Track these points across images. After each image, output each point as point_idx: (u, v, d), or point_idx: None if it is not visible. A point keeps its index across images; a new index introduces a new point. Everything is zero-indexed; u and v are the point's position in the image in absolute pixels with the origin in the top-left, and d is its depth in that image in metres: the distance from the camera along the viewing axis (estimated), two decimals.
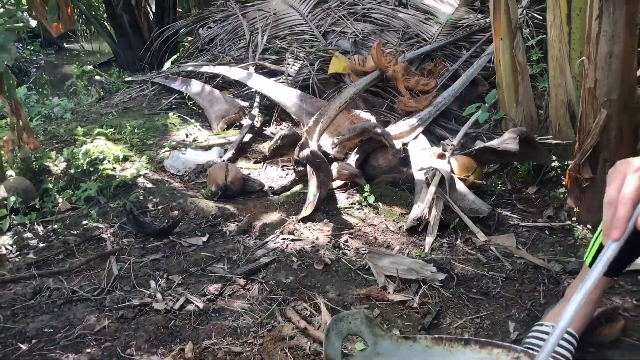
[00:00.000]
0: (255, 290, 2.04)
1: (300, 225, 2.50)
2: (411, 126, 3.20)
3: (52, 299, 2.05)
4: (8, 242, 2.55)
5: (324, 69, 3.95)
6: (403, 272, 2.09)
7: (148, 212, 2.71)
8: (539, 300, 2.04)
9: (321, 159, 2.58)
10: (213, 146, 3.49)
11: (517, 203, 2.76)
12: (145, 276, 2.17)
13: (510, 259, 2.29)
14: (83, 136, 3.45)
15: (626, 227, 0.91)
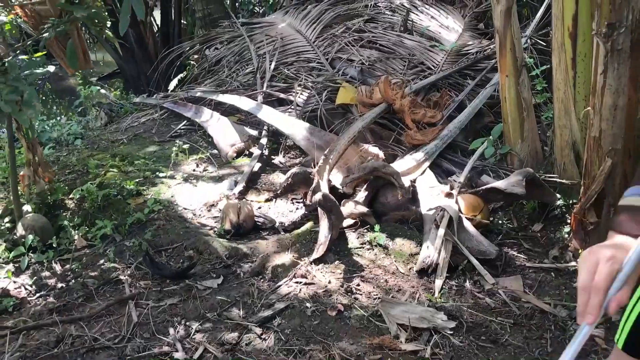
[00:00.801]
0: (271, 340, 2.11)
1: (312, 267, 2.57)
2: (418, 161, 3.27)
3: (75, 347, 2.12)
4: (27, 281, 2.62)
5: (332, 98, 4.02)
6: (415, 321, 2.16)
7: (163, 251, 2.78)
8: (546, 348, 2.11)
9: (332, 202, 2.65)
10: (224, 177, 3.56)
11: (524, 242, 2.83)
12: (163, 322, 2.24)
13: (518, 303, 2.36)
14: (96, 168, 3.52)
15: (599, 313, 1.00)
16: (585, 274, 1.03)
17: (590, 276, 1.02)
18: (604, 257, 1.03)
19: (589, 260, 1.04)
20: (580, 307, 1.02)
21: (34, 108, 2.26)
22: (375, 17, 5.19)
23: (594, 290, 1.00)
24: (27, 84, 2.20)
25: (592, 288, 1.01)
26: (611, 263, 1.02)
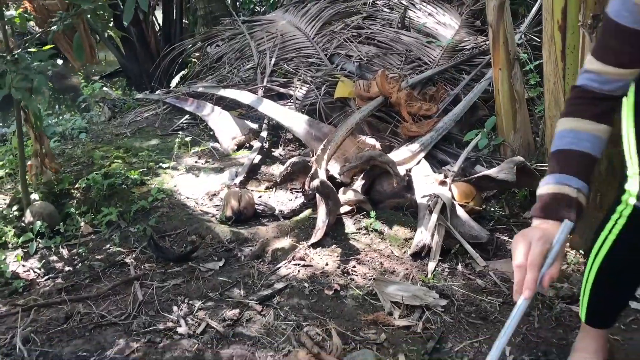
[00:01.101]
0: (270, 316, 2.21)
1: (310, 250, 2.67)
2: (414, 152, 3.37)
3: (83, 323, 2.22)
4: (36, 265, 2.72)
5: (330, 92, 4.12)
6: (408, 299, 2.26)
7: (167, 237, 2.88)
8: (534, 324, 2.21)
9: (330, 188, 2.75)
10: (225, 168, 3.66)
11: (515, 227, 2.93)
12: (167, 301, 2.34)
13: (508, 284, 2.46)
14: (100, 159, 3.62)
15: (535, 287, 1.14)
16: (520, 254, 1.16)
17: (525, 255, 1.15)
18: (535, 237, 1.17)
19: (522, 242, 1.18)
20: (518, 284, 1.15)
21: (43, 95, 2.37)
22: (373, 15, 5.30)
23: (530, 268, 1.13)
24: (36, 72, 2.30)
25: (528, 266, 1.14)
26: (542, 242, 1.16)
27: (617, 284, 1.67)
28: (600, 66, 1.33)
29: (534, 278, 1.13)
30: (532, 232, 1.20)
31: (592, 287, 1.68)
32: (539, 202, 1.29)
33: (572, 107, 1.36)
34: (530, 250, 1.15)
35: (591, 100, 1.33)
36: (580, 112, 1.33)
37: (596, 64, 1.34)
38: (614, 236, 1.56)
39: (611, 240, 1.57)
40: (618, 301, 1.74)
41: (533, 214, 1.28)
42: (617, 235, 1.55)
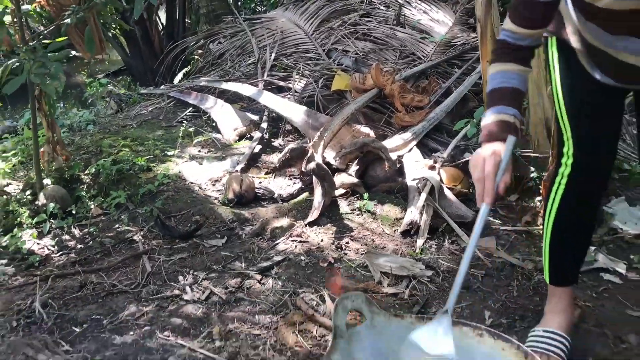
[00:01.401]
0: (269, 284, 2.39)
1: (307, 229, 2.85)
2: (406, 140, 3.55)
3: (96, 291, 2.40)
4: (50, 243, 2.90)
5: (328, 85, 4.31)
6: (396, 269, 2.45)
7: (172, 217, 3.06)
8: (512, 293, 2.38)
9: (325, 170, 2.93)
10: (227, 157, 3.85)
11: (499, 209, 3.11)
12: (174, 272, 2.53)
13: (490, 259, 2.64)
14: (109, 148, 3.81)
15: (494, 194, 1.38)
16: (477, 169, 1.41)
17: (481, 170, 1.40)
18: (487, 154, 1.41)
19: (477, 160, 1.44)
20: (479, 194, 1.39)
21: (60, 80, 2.55)
22: (370, 12, 5.49)
23: (487, 178, 1.37)
24: (53, 60, 2.49)
25: (485, 177, 1.37)
26: (493, 157, 1.41)
27: (569, 240, 1.87)
28: (513, 27, 1.59)
29: (492, 186, 1.38)
30: (484, 151, 1.45)
31: (550, 246, 1.88)
32: (484, 130, 1.53)
33: (498, 55, 1.62)
34: (485, 165, 1.37)
35: (511, 50, 1.59)
36: (505, 58, 1.59)
37: (511, 25, 1.60)
38: (559, 196, 1.78)
39: (558, 200, 1.78)
40: (574, 256, 1.93)
41: (481, 141, 1.52)
42: (562, 194, 1.77)
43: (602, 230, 2.83)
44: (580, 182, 1.75)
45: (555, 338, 1.93)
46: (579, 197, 1.78)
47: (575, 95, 1.72)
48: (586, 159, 1.72)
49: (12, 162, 3.77)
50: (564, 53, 1.72)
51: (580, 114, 1.72)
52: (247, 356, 1.96)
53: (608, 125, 1.73)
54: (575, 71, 1.69)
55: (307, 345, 2.02)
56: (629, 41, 1.46)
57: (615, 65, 1.56)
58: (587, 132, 1.72)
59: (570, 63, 1.70)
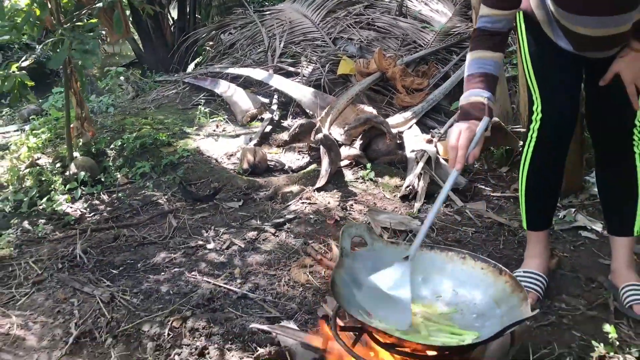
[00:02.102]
0: (282, 236, 2.70)
1: (315, 193, 3.15)
2: (406, 118, 3.85)
3: (129, 242, 2.71)
4: (82, 206, 3.21)
5: (334, 70, 4.61)
6: (395, 225, 2.74)
7: (192, 185, 3.37)
8: (499, 246, 2.68)
9: (332, 141, 3.23)
10: (240, 135, 4.15)
11: (491, 179, 3.41)
12: (197, 228, 2.83)
13: (480, 219, 2.93)
14: (131, 126, 4.11)
15: (464, 162, 1.64)
16: (453, 138, 1.69)
17: (457, 139, 1.67)
18: (463, 127, 1.70)
19: (454, 131, 1.73)
20: (451, 160, 1.68)
21: (97, 55, 2.85)
22: (373, 3, 5.79)
23: (460, 148, 1.66)
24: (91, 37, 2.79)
25: (459, 147, 1.65)
26: (469, 131, 1.69)
27: (541, 186, 2.17)
28: (489, 11, 1.84)
29: (463, 155, 1.65)
30: (461, 124, 1.72)
31: (525, 194, 2.18)
32: (460, 110, 1.81)
33: (475, 43, 1.87)
34: (460, 136, 1.65)
35: (487, 36, 1.85)
36: (481, 46, 1.84)
37: (486, 10, 1.84)
38: (532, 148, 2.08)
39: (531, 151, 2.09)
40: (546, 202, 2.23)
41: (458, 120, 1.79)
42: (534, 146, 2.07)
43: (583, 196, 3.12)
44: (549, 134, 2.05)
45: (533, 277, 2.22)
46: (547, 147, 2.08)
47: (541, 60, 2.02)
48: (552, 114, 2.02)
49: (42, 138, 4.08)
50: (530, 24, 2.01)
51: (545, 75, 2.02)
52: (265, 290, 2.27)
53: (569, 85, 2.03)
54: (541, 40, 1.99)
55: (316, 283, 2.32)
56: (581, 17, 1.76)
57: (573, 35, 1.85)
58: (552, 91, 2.02)
59: (536, 33, 1.99)
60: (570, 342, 1.96)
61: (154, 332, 2.01)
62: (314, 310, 2.14)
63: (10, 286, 2.36)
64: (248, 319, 2.06)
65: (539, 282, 2.21)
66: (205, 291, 2.24)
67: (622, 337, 1.95)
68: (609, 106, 2.05)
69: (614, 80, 1.95)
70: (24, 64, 3.63)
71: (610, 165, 2.17)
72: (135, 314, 2.12)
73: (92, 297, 2.23)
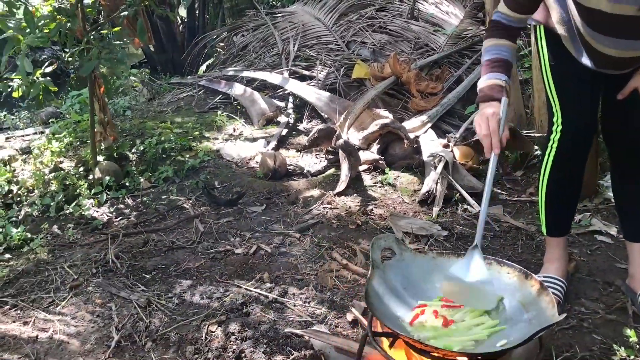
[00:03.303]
0: (307, 241, 2.78)
1: (335, 198, 3.23)
2: (422, 122, 3.92)
3: (158, 247, 2.80)
4: (108, 210, 3.30)
5: (348, 74, 4.68)
6: (416, 229, 2.83)
7: (215, 189, 3.45)
8: (518, 250, 2.76)
9: (352, 146, 3.31)
10: (258, 139, 4.23)
11: (506, 183, 3.48)
12: (223, 232, 2.92)
13: (498, 223, 3.01)
14: (151, 130, 4.20)
15: (500, 146, 1.75)
16: (483, 127, 1.79)
17: (487, 128, 1.77)
18: (490, 114, 1.81)
19: (482, 120, 1.82)
20: (487, 146, 1.77)
21: (126, 64, 2.94)
22: (385, 6, 5.86)
23: (493, 134, 1.75)
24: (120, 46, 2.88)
25: (492, 133, 1.74)
26: (495, 117, 1.79)
27: (560, 194, 2.25)
28: (507, 11, 1.95)
29: (498, 139, 1.77)
30: (485, 112, 1.82)
31: (545, 201, 2.26)
32: (481, 92, 1.91)
33: (491, 32, 1.99)
34: (489, 124, 1.74)
35: (503, 28, 1.97)
36: (498, 35, 1.96)
37: (504, 9, 1.96)
38: (552, 157, 2.16)
39: (551, 161, 2.17)
40: (566, 209, 2.31)
41: (479, 101, 1.90)
42: (554, 156, 2.14)
43: (597, 200, 3.20)
44: (568, 145, 2.13)
45: (553, 282, 2.30)
46: (567, 157, 2.16)
47: (561, 74, 2.10)
48: (571, 127, 2.10)
49: (64, 142, 4.16)
50: (551, 39, 2.09)
51: (565, 89, 2.10)
52: (295, 294, 2.35)
53: (589, 98, 2.11)
54: (561, 54, 2.06)
55: (343, 287, 2.41)
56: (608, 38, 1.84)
57: (595, 53, 1.93)
58: (572, 104, 2.10)
59: (557, 47, 2.07)
60: (591, 345, 2.04)
61: (192, 337, 2.09)
62: (342, 315, 2.23)
63: (49, 290, 2.45)
64: (281, 322, 2.15)
65: (559, 286, 2.29)
66: (237, 296, 2.32)
67: None
68: (625, 119, 2.12)
69: (631, 94, 2.03)
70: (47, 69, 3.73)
71: (625, 174, 2.25)
72: (172, 318, 2.21)
73: (129, 301, 2.32)
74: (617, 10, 1.70)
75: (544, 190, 2.26)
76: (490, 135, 1.77)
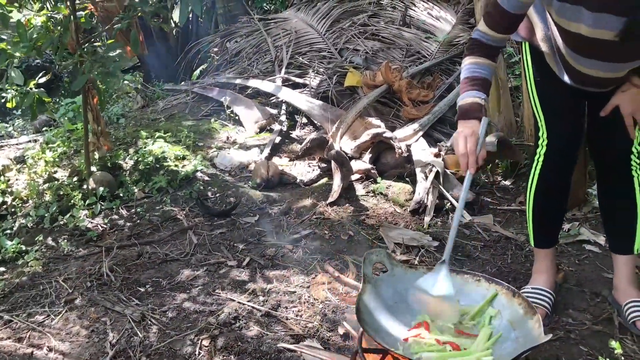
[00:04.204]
0: (300, 253, 2.81)
1: (328, 208, 3.27)
2: (414, 130, 3.96)
3: (152, 259, 2.82)
4: (102, 222, 3.32)
5: (341, 82, 4.72)
6: (407, 240, 2.86)
7: (208, 199, 3.48)
8: (507, 260, 2.80)
9: (344, 157, 3.35)
10: (251, 147, 4.26)
11: (497, 192, 3.52)
12: (217, 244, 2.95)
13: (488, 233, 3.05)
14: (145, 138, 4.22)
15: (476, 165, 1.79)
16: (461, 146, 1.83)
17: (464, 147, 1.80)
18: (467, 133, 1.83)
19: (460, 139, 1.86)
20: (464, 165, 1.82)
21: (118, 77, 2.96)
22: (377, 13, 5.89)
23: (470, 154, 1.80)
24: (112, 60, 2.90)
25: (469, 153, 1.78)
26: (474, 137, 1.83)
27: (547, 206, 2.29)
28: (485, 29, 1.96)
29: (474, 159, 1.81)
30: (464, 131, 1.85)
31: (532, 214, 2.30)
32: (460, 110, 1.93)
33: (471, 51, 2.00)
34: (467, 143, 1.78)
35: (483, 46, 1.98)
36: (477, 53, 1.97)
37: (483, 27, 1.97)
38: (538, 170, 2.20)
39: (537, 174, 2.21)
40: (552, 221, 2.35)
41: (458, 119, 1.93)
42: (540, 169, 2.19)
43: (586, 209, 3.25)
44: (553, 159, 2.17)
45: (541, 293, 2.34)
46: (553, 171, 2.20)
47: (546, 91, 2.14)
48: (557, 141, 2.15)
49: (58, 152, 4.18)
50: (536, 56, 2.12)
51: (550, 104, 2.14)
52: (287, 307, 2.39)
53: (573, 113, 2.15)
54: (546, 71, 2.10)
55: (335, 299, 2.44)
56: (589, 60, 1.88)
57: (574, 72, 1.97)
58: (557, 119, 2.14)
59: (541, 64, 2.11)
60: (577, 356, 2.08)
61: (186, 351, 2.12)
62: (334, 328, 2.26)
63: (44, 305, 2.48)
64: (273, 337, 2.18)
65: (547, 298, 2.33)
66: (230, 309, 2.35)
67: (627, 352, 2.07)
68: (608, 134, 2.16)
69: (613, 110, 2.06)
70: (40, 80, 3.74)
71: (610, 188, 2.29)
72: (166, 333, 2.24)
73: (123, 316, 2.35)
74: (597, 35, 1.74)
75: (531, 203, 2.30)
76: (467, 154, 1.80)
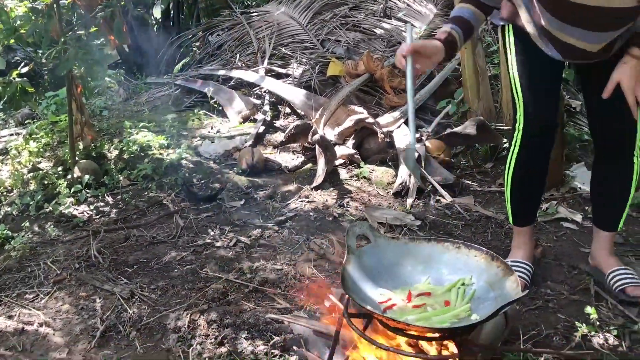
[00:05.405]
0: (285, 233, 2.86)
1: (312, 192, 3.32)
2: (395, 118, 4.03)
3: (139, 242, 2.85)
4: (87, 208, 3.34)
5: (323, 72, 4.77)
6: (390, 220, 2.93)
7: (194, 185, 3.51)
8: (487, 238, 2.87)
9: (328, 141, 3.41)
10: (235, 136, 4.30)
11: (477, 175, 3.61)
12: (203, 227, 2.98)
13: (469, 213, 3.12)
14: (129, 129, 4.24)
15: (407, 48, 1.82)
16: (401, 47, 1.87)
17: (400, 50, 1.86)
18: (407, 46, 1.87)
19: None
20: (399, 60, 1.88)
21: (103, 66, 2.98)
22: (359, 5, 5.96)
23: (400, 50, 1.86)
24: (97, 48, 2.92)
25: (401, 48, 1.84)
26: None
27: (525, 186, 2.36)
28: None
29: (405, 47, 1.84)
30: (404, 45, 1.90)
31: (510, 193, 2.37)
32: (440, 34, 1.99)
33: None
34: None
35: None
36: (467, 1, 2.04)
37: None
38: (515, 153, 2.26)
39: (515, 156, 2.27)
40: (530, 200, 2.42)
41: None
42: (518, 151, 2.25)
43: (564, 189, 3.34)
44: (530, 139, 2.23)
45: (520, 265, 2.42)
46: (530, 154, 2.26)
47: (526, 68, 2.19)
48: (534, 123, 2.20)
49: (42, 142, 4.18)
50: (520, 37, 2.18)
51: (529, 83, 2.19)
52: (274, 283, 2.44)
53: (550, 91, 2.21)
54: (528, 50, 2.16)
55: (321, 275, 2.50)
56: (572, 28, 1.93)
57: (562, 45, 2.03)
58: (534, 101, 2.19)
59: (524, 45, 2.16)
60: (555, 323, 2.16)
61: (175, 325, 2.16)
62: (320, 302, 2.31)
63: (32, 285, 2.50)
64: (261, 310, 2.23)
65: (525, 269, 2.41)
66: (218, 286, 2.40)
67: (602, 318, 2.16)
68: (610, 112, 2.15)
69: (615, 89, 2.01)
70: (23, 70, 3.75)
71: (609, 164, 2.31)
72: (155, 309, 2.28)
73: (112, 294, 2.38)
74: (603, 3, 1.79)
75: (509, 184, 2.36)
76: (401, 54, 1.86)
